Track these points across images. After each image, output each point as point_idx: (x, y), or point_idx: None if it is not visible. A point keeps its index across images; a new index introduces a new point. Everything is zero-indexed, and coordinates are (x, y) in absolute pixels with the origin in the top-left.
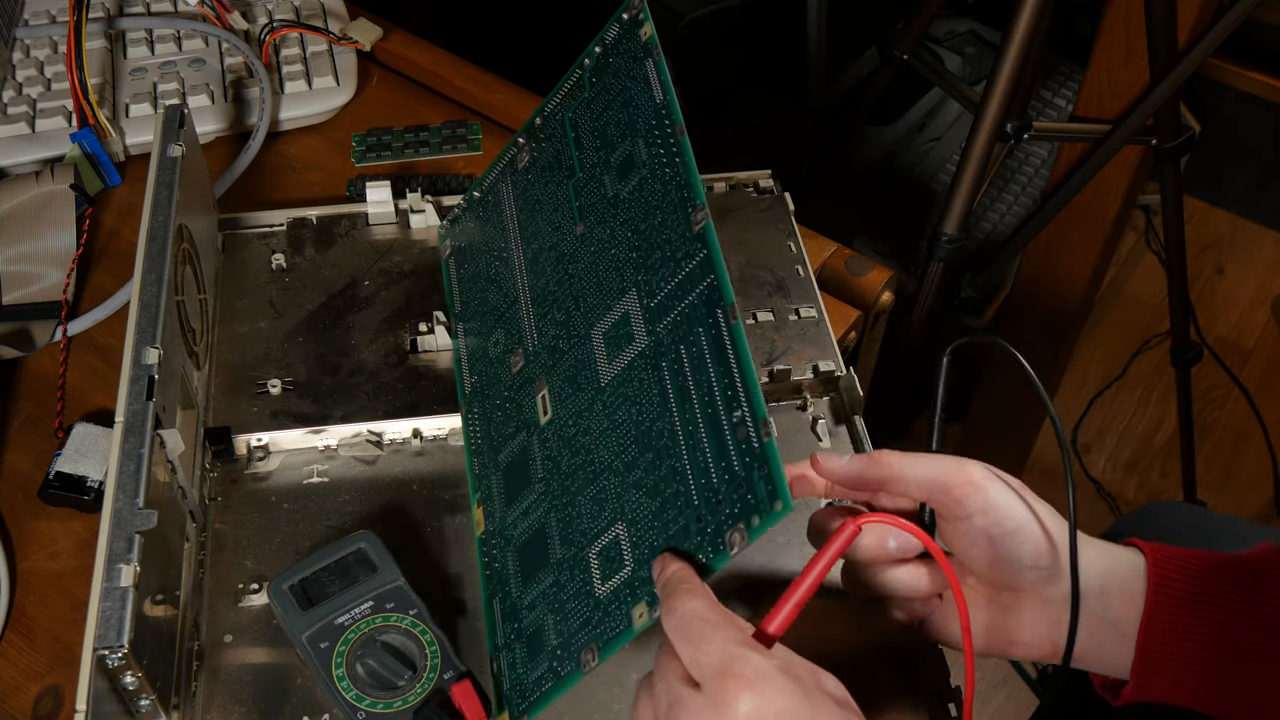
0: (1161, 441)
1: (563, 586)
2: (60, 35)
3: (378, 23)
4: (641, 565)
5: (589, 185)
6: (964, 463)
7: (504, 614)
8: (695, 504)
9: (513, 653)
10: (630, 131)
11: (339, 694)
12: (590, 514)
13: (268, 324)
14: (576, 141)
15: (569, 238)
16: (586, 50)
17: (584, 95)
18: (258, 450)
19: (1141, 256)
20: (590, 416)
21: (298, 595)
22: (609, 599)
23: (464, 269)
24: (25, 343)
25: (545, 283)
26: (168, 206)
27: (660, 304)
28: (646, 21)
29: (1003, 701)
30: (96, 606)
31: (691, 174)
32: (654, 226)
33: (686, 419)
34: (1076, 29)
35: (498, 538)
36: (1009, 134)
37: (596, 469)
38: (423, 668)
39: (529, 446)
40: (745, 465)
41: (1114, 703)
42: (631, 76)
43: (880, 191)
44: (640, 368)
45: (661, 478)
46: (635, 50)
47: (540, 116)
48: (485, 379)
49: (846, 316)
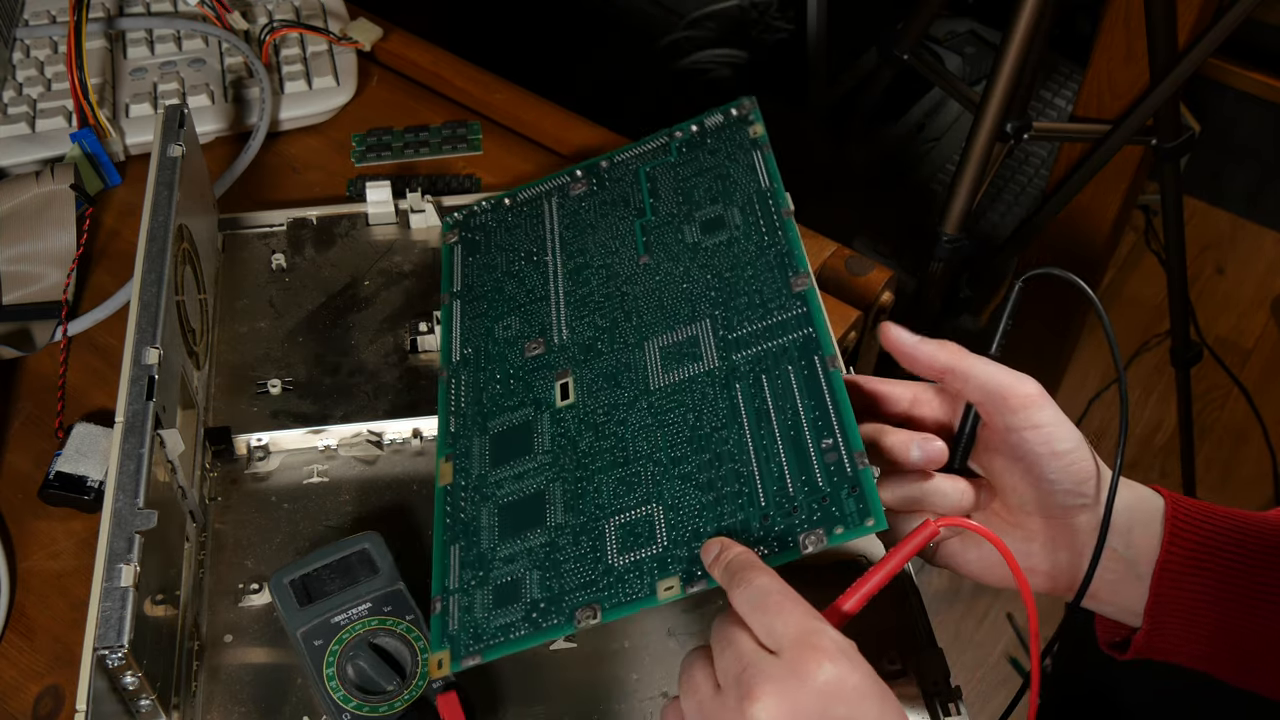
0: (1161, 441)
1: (559, 549)
2: (60, 35)
3: (378, 23)
4: (678, 545)
5: (661, 228)
6: (1023, 377)
7: (465, 562)
8: (762, 504)
9: (470, 597)
10: (724, 199)
11: (327, 693)
12: (613, 492)
13: (268, 324)
14: (651, 191)
15: (627, 263)
16: (680, 125)
17: (669, 159)
18: (258, 450)
19: (1141, 256)
20: (630, 411)
21: (297, 591)
22: (627, 568)
23: (474, 258)
24: (25, 343)
25: (588, 292)
26: (168, 206)
27: (739, 339)
28: (757, 122)
29: (1003, 701)
30: (96, 606)
31: (795, 246)
32: (742, 278)
33: (761, 434)
34: (1076, 29)
35: (471, 492)
36: (1009, 134)
37: (629, 456)
38: (412, 674)
39: (533, 421)
40: (832, 483)
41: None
42: (732, 159)
43: (880, 191)
44: (705, 383)
45: (720, 476)
46: (742, 141)
47: (609, 161)
48: (484, 354)
49: (846, 316)
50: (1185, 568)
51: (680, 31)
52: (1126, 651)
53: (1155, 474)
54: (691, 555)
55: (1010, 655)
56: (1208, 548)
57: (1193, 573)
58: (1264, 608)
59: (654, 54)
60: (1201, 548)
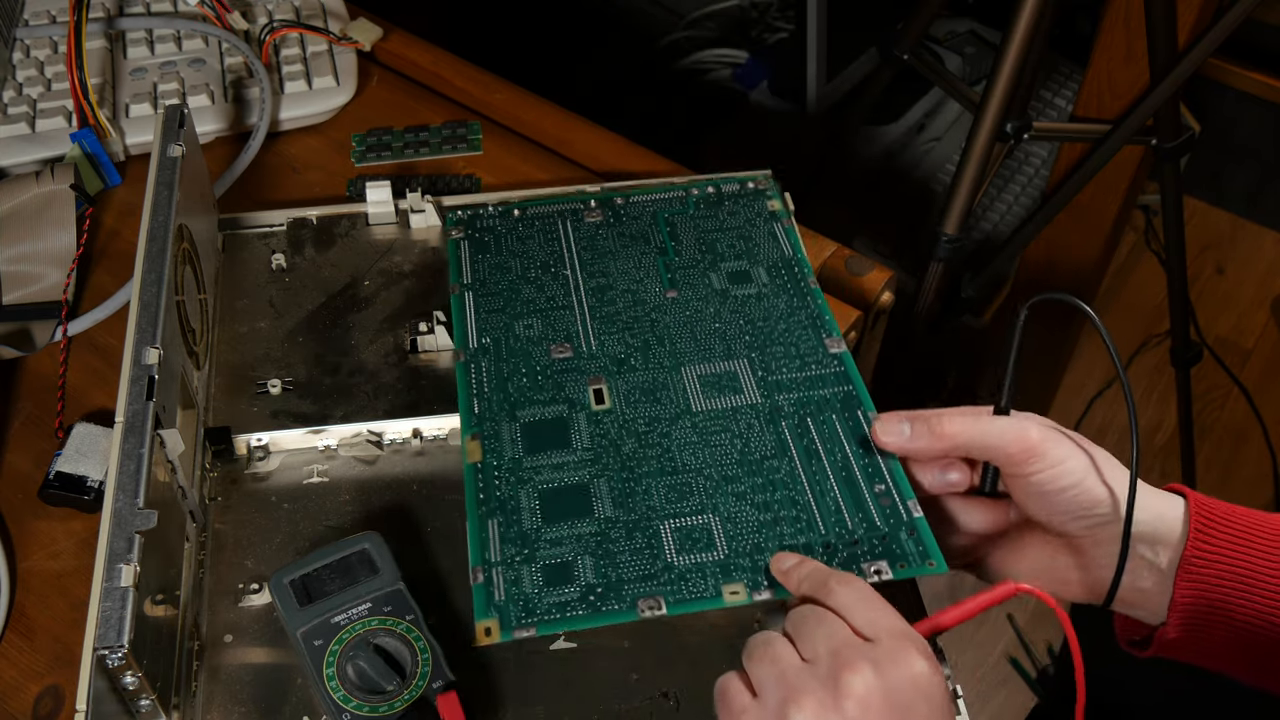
0: (1161, 441)
1: (612, 540)
2: (60, 35)
3: (378, 23)
4: (739, 556)
5: (687, 269)
6: (1024, 426)
7: (506, 538)
8: (822, 532)
9: (515, 571)
10: (748, 256)
11: (327, 693)
12: (665, 497)
13: (268, 324)
14: (671, 234)
15: (653, 294)
16: (696, 183)
17: (687, 210)
18: (258, 450)
19: (1141, 256)
20: (673, 426)
21: (297, 590)
22: (689, 568)
23: (484, 256)
24: (25, 343)
25: (614, 311)
26: (168, 206)
27: (779, 382)
28: (774, 198)
29: (1003, 701)
30: (96, 606)
31: (825, 312)
32: (776, 330)
33: (813, 469)
34: (1076, 29)
35: (505, 473)
36: (1009, 134)
37: (677, 466)
38: (412, 674)
39: (568, 418)
40: (889, 524)
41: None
42: (752, 224)
43: (880, 191)
44: (750, 415)
45: (775, 500)
46: (761, 210)
47: (624, 199)
48: (505, 347)
49: (847, 316)
50: (1209, 566)
51: (680, 31)
52: (1148, 649)
53: (1155, 474)
54: (754, 566)
55: (1010, 655)
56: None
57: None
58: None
59: (654, 54)
60: (1226, 547)
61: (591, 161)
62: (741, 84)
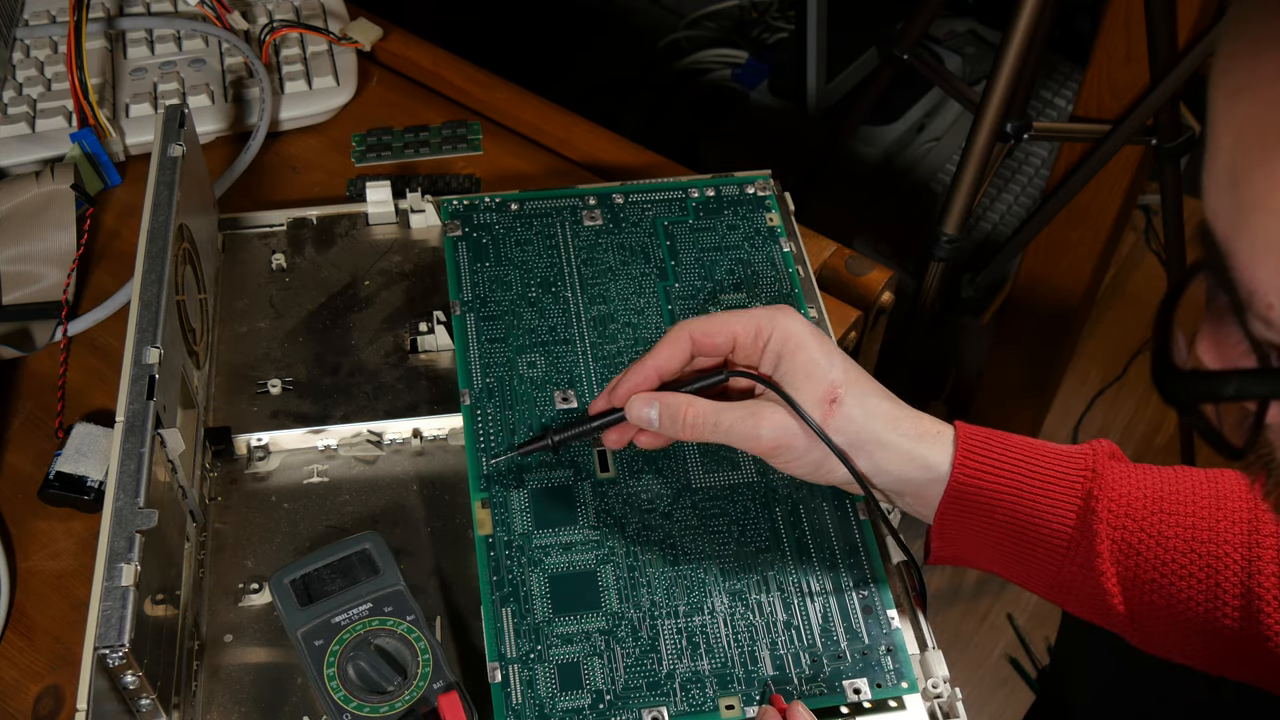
0: (1161, 442)
1: (618, 639)
2: (60, 35)
3: (378, 23)
4: (734, 665)
5: (686, 300)
6: (755, 424)
7: (519, 630)
8: (808, 644)
9: (530, 670)
10: (748, 288)
11: (327, 693)
12: (667, 591)
13: (268, 324)
14: (671, 251)
15: (654, 326)
16: (696, 183)
17: (686, 219)
18: (258, 450)
19: (1141, 256)
20: (674, 506)
21: (298, 591)
22: (689, 677)
23: (482, 265)
24: (25, 343)
25: (616, 350)
26: (168, 206)
27: None
28: (773, 209)
29: (1003, 701)
30: (97, 606)
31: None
32: None
33: (804, 567)
34: (1076, 29)
35: (515, 552)
36: (1009, 134)
37: (678, 556)
38: (413, 675)
39: (574, 487)
40: (871, 636)
41: (929, 562)
42: (751, 242)
43: (880, 191)
44: (746, 496)
45: (769, 601)
46: (759, 225)
47: (623, 197)
48: (510, 390)
49: (847, 316)
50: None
51: (680, 31)
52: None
53: None
54: (748, 676)
55: (1010, 655)
56: (995, 460)
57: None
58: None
59: (654, 54)
60: (989, 460)
61: (591, 161)
62: (741, 84)
